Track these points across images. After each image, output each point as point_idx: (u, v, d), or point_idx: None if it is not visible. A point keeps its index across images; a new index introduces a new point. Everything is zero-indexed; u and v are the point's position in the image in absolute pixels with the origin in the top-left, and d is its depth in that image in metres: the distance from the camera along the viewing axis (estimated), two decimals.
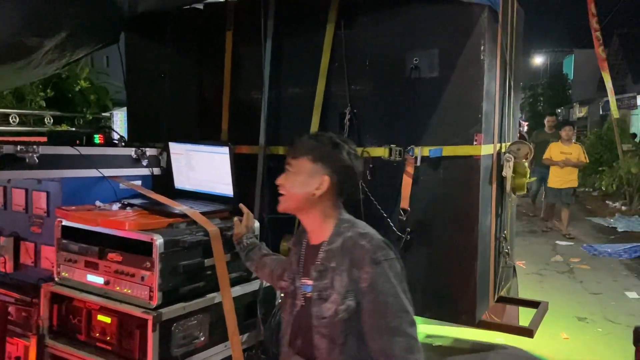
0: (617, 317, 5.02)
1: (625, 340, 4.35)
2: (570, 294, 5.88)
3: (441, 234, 3.30)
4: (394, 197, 3.41)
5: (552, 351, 4.20)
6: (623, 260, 7.65)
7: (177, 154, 3.05)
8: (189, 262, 2.46)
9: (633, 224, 10.72)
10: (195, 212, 2.56)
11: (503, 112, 3.72)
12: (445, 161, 3.28)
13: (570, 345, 4.35)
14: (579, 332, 4.64)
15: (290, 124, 3.79)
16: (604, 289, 6.04)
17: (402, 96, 3.39)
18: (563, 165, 8.87)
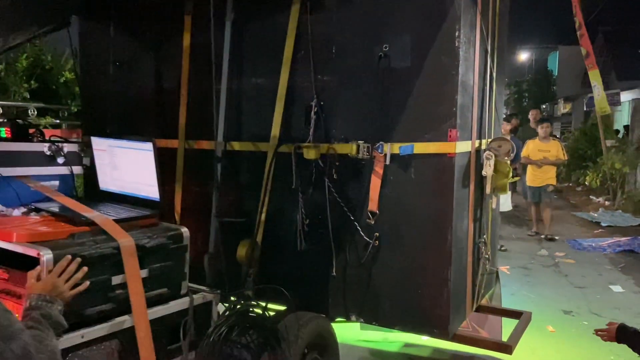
0: (603, 310, 4.94)
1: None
2: (555, 287, 5.78)
3: (412, 239, 2.92)
4: (362, 198, 3.02)
5: (539, 344, 4.09)
6: (607, 255, 7.53)
7: (100, 150, 2.62)
8: (92, 280, 1.98)
9: (616, 219, 10.59)
10: (106, 220, 2.14)
11: (483, 106, 3.33)
12: (416, 159, 2.88)
13: (556, 339, 4.26)
14: (565, 325, 4.55)
15: (252, 118, 3.39)
16: (589, 282, 5.95)
17: (370, 87, 2.99)
18: (541, 164, 8.37)
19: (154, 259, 2.19)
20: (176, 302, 2.41)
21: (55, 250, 1.94)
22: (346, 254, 3.09)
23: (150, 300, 2.18)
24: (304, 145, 3.11)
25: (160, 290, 2.31)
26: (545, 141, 8.50)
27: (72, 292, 1.79)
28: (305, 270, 3.22)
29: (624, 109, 17.48)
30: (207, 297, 2.68)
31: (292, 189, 3.18)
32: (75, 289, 1.78)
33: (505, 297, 5.04)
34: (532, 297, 5.50)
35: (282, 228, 3.25)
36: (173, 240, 2.45)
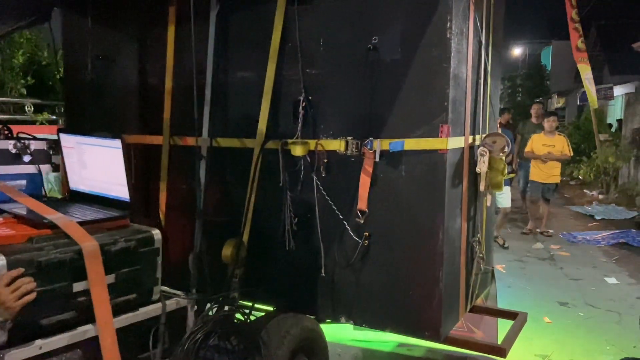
0: (597, 302, 4.92)
1: (606, 323, 4.32)
2: (551, 279, 5.76)
3: (403, 238, 2.76)
4: (351, 196, 2.86)
5: (536, 335, 4.06)
6: (601, 247, 7.50)
7: (68, 147, 2.45)
8: (49, 287, 1.86)
9: (610, 212, 10.56)
10: (69, 222, 1.97)
11: (477, 101, 3.17)
12: (407, 156, 2.72)
13: (553, 329, 4.24)
14: (561, 316, 4.55)
15: (238, 113, 3.22)
16: (584, 274, 5.92)
17: (359, 82, 2.82)
18: (546, 159, 7.88)
19: (121, 264, 2.02)
20: (146, 308, 2.24)
21: (10, 256, 1.78)
22: (335, 254, 2.93)
23: (118, 308, 2.01)
24: (291, 141, 2.95)
25: (129, 297, 2.14)
26: (551, 135, 8.06)
27: (19, 303, 1.65)
28: (293, 270, 3.06)
29: (617, 103, 17.35)
30: (181, 302, 2.51)
31: (280, 186, 3.02)
32: (22, 299, 1.64)
33: (502, 289, 4.99)
34: (528, 290, 5.43)
35: (269, 227, 3.09)
36: (143, 243, 2.28)
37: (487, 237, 3.42)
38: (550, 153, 7.89)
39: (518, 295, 5.21)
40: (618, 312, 4.66)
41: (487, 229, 3.46)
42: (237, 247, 2.93)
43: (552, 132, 8.07)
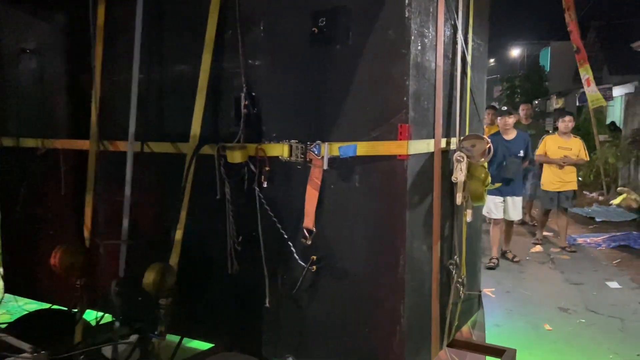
0: (599, 307, 4.61)
1: (609, 330, 4.02)
2: (551, 284, 5.46)
3: (357, 264, 2.19)
4: (297, 212, 2.30)
5: (536, 343, 3.83)
6: (602, 250, 7.08)
7: None
8: None
9: (610, 214, 10.00)
10: None
11: (452, 97, 2.60)
12: (361, 163, 2.15)
13: (553, 337, 3.97)
14: (561, 323, 4.25)
15: (174, 113, 2.67)
16: (585, 279, 5.60)
17: (304, 73, 2.26)
18: (563, 164, 6.69)
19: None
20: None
21: None
22: (281, 281, 2.37)
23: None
24: (228, 145, 2.39)
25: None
26: (566, 137, 6.88)
27: None
28: (234, 300, 2.51)
29: (616, 103, 16.69)
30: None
31: (218, 199, 2.47)
32: None
33: (501, 295, 4.86)
34: (527, 295, 5.11)
35: (207, 248, 2.54)
36: None
37: (469, 259, 2.83)
38: (567, 157, 6.75)
39: (517, 301, 4.84)
40: (621, 318, 4.36)
41: (470, 249, 2.87)
42: (163, 272, 2.37)
43: (567, 133, 6.91)
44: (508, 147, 5.80)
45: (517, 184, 5.95)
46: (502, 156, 5.74)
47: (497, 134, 5.99)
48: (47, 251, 2.74)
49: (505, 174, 5.70)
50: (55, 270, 2.53)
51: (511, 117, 5.93)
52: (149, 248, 2.60)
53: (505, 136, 5.88)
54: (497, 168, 5.73)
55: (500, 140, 5.82)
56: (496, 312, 4.53)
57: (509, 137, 5.88)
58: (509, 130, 5.89)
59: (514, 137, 5.88)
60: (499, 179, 5.68)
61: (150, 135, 2.67)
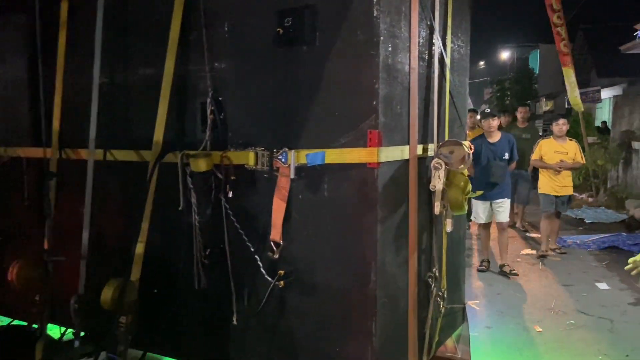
0: (589, 308, 4.54)
1: (598, 331, 3.98)
2: (541, 286, 5.33)
3: (327, 279, 2.03)
4: (264, 224, 2.14)
5: (526, 345, 3.78)
6: (592, 251, 6.91)
7: None
8: None
9: (600, 215, 9.86)
10: None
11: (429, 101, 2.45)
12: (329, 171, 2.00)
13: (543, 338, 3.90)
14: (552, 324, 4.17)
15: (138, 119, 2.51)
16: (575, 280, 5.49)
17: (270, 76, 2.12)
18: (559, 169, 6.44)
19: None
20: None
21: None
22: (248, 297, 2.21)
23: None
24: (192, 153, 2.24)
25: None
26: (562, 141, 6.58)
27: None
28: (201, 317, 2.34)
29: (605, 105, 16.63)
30: None
31: (183, 210, 2.31)
32: None
33: (492, 297, 4.77)
34: (518, 296, 4.99)
35: (173, 261, 2.37)
36: None
37: (451, 270, 2.67)
38: (564, 161, 6.48)
39: (508, 303, 4.73)
40: (610, 319, 4.26)
41: (453, 260, 2.72)
42: (122, 289, 2.20)
43: (562, 137, 6.62)
44: (493, 150, 5.58)
45: (504, 187, 5.68)
46: (487, 159, 5.53)
47: (481, 137, 5.77)
48: (7, 265, 2.57)
49: (490, 177, 5.47)
50: (13, 285, 2.36)
51: (495, 119, 5.68)
52: (111, 262, 2.43)
53: (489, 139, 5.66)
54: (481, 172, 5.51)
55: (485, 143, 5.62)
56: (487, 314, 4.41)
57: (494, 139, 5.65)
58: (493, 133, 5.67)
59: (499, 139, 5.66)
60: (484, 182, 5.44)
61: (113, 142, 2.51)
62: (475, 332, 3.89)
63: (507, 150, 5.60)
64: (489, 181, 5.43)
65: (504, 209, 5.68)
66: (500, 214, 5.70)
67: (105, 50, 2.43)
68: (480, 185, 5.47)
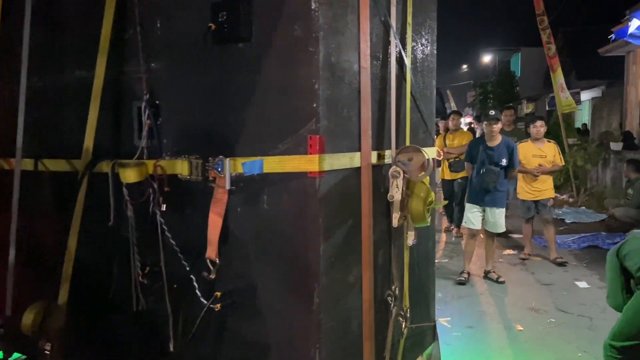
0: (569, 306, 4.56)
1: (578, 329, 4.04)
2: (523, 285, 5.31)
3: (268, 302, 1.80)
4: (200, 241, 1.90)
5: (507, 344, 3.78)
6: (572, 251, 6.85)
7: None
8: None
9: (580, 215, 9.80)
10: None
11: (385, 102, 2.22)
12: (269, 182, 1.77)
13: (524, 337, 3.93)
14: (532, 323, 4.20)
15: (70, 126, 2.26)
16: (555, 279, 5.47)
17: (204, 76, 1.88)
18: (538, 173, 6.09)
19: None
20: None
21: None
22: (184, 322, 1.96)
23: None
24: (122, 162, 1.99)
25: None
26: (539, 144, 6.20)
27: None
28: (137, 342, 2.10)
29: (584, 107, 16.59)
30: None
31: (119, 226, 2.06)
32: None
33: (473, 297, 4.77)
34: (500, 296, 4.95)
35: (107, 282, 2.12)
36: None
37: (416, 287, 2.43)
38: (542, 165, 6.12)
39: (490, 303, 4.71)
40: (589, 317, 4.28)
41: (420, 275, 2.48)
42: (45, 312, 1.94)
43: (540, 139, 6.24)
44: (489, 155, 5.13)
45: (497, 195, 5.17)
46: (482, 164, 5.13)
47: (481, 140, 5.38)
48: None
49: (482, 183, 5.08)
50: None
51: (498, 124, 5.20)
52: (41, 281, 2.17)
53: (488, 142, 5.21)
54: (476, 176, 5.18)
55: (482, 147, 5.20)
56: (469, 314, 4.39)
57: (493, 144, 5.17)
58: (494, 137, 5.19)
59: (498, 144, 5.17)
60: (478, 187, 5.13)
61: (45, 150, 2.25)
62: (458, 332, 3.93)
63: (505, 156, 5.14)
64: (482, 187, 5.10)
65: (496, 219, 5.20)
66: (492, 224, 5.22)
67: (34, 50, 2.18)
68: (474, 190, 5.22)
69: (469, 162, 5.40)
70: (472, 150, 5.33)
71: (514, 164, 5.19)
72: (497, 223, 5.21)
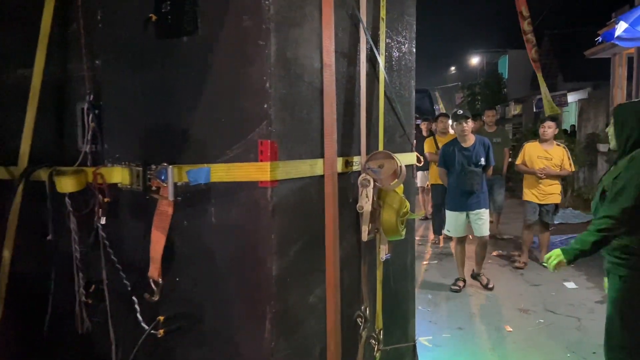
0: (558, 307, 4.58)
1: (566, 329, 4.04)
2: (511, 286, 5.32)
3: (216, 327, 1.58)
4: (145, 257, 1.67)
5: (497, 344, 3.80)
6: None
7: None
8: None
9: (567, 216, 9.74)
10: None
11: (353, 104, 2.00)
12: (217, 192, 1.55)
13: (513, 337, 3.93)
14: (521, 323, 4.21)
15: (5, 130, 2.02)
16: (544, 280, 5.48)
17: (147, 74, 1.66)
18: (542, 174, 5.78)
19: None
20: None
21: None
22: (128, 348, 1.74)
23: None
24: (59, 170, 1.76)
25: None
26: (547, 146, 5.84)
27: None
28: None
29: (571, 109, 16.49)
30: None
31: (60, 240, 1.83)
32: None
33: (463, 297, 4.77)
34: (489, 297, 4.97)
35: (48, 301, 1.89)
36: None
37: (391, 305, 2.21)
38: (547, 167, 5.80)
39: (479, 304, 4.71)
40: (578, 317, 4.29)
41: (393, 292, 2.26)
42: None
43: (549, 141, 5.88)
44: (466, 156, 4.89)
45: (481, 196, 4.92)
46: (461, 166, 4.86)
47: (454, 142, 5.09)
48: None
49: (464, 185, 4.81)
50: None
51: (469, 122, 4.96)
52: None
53: (463, 143, 4.94)
54: (456, 180, 4.90)
55: (457, 149, 4.94)
56: (459, 315, 4.39)
57: (467, 144, 4.93)
58: (467, 137, 4.93)
59: (472, 143, 4.93)
60: (460, 192, 4.85)
61: None
62: (447, 333, 3.95)
63: (483, 154, 4.92)
64: (464, 190, 4.82)
65: (483, 221, 4.97)
66: (480, 227, 4.97)
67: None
68: (455, 196, 4.92)
69: (443, 168, 5.11)
70: (446, 154, 5.05)
71: (489, 162, 4.99)
72: (485, 224, 4.99)
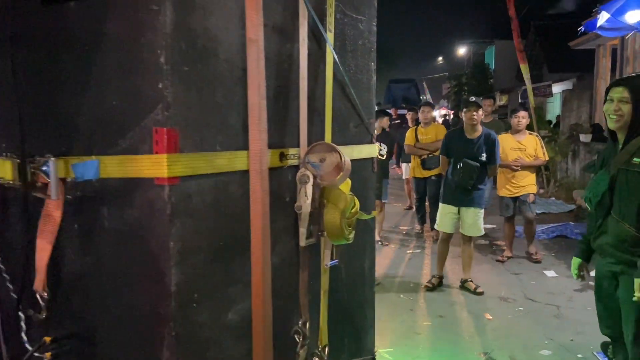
0: (537, 295, 4.57)
1: (545, 317, 4.08)
2: (493, 275, 5.28)
3: (111, 350, 1.31)
4: (33, 267, 1.40)
5: (477, 332, 3.80)
6: (541, 241, 6.77)
7: None
8: None
9: (550, 206, 9.68)
10: None
11: (290, 87, 1.71)
12: (109, 190, 1.28)
13: (493, 325, 3.95)
14: (501, 312, 4.21)
15: None
16: (524, 269, 5.44)
17: (31, 49, 1.37)
18: (516, 167, 5.47)
19: None
20: None
21: None
22: None
23: None
24: None
25: None
26: (520, 136, 5.53)
27: None
28: None
29: (556, 100, 16.35)
30: None
31: None
32: None
33: (444, 286, 4.76)
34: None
35: None
36: None
37: (343, 317, 1.95)
38: (520, 158, 5.50)
39: (460, 292, 4.65)
40: (557, 305, 4.31)
41: (346, 303, 2.00)
42: None
43: (521, 131, 5.57)
44: (468, 148, 4.41)
45: (476, 193, 4.44)
46: (459, 158, 4.38)
47: (459, 131, 4.58)
48: None
49: (458, 179, 4.35)
50: None
51: (480, 111, 4.44)
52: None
53: (467, 134, 4.45)
54: (452, 172, 4.44)
55: (460, 139, 4.47)
56: (440, 303, 4.36)
57: (472, 135, 4.43)
58: (475, 127, 4.42)
59: (478, 136, 4.43)
60: (453, 185, 4.40)
61: None
62: (428, 321, 3.95)
63: (484, 150, 4.41)
64: (458, 184, 4.36)
65: (473, 222, 4.47)
66: (469, 226, 4.48)
67: None
68: (450, 188, 4.48)
69: (444, 156, 4.59)
70: (450, 141, 4.55)
71: (494, 160, 4.50)
72: (475, 225, 4.50)
